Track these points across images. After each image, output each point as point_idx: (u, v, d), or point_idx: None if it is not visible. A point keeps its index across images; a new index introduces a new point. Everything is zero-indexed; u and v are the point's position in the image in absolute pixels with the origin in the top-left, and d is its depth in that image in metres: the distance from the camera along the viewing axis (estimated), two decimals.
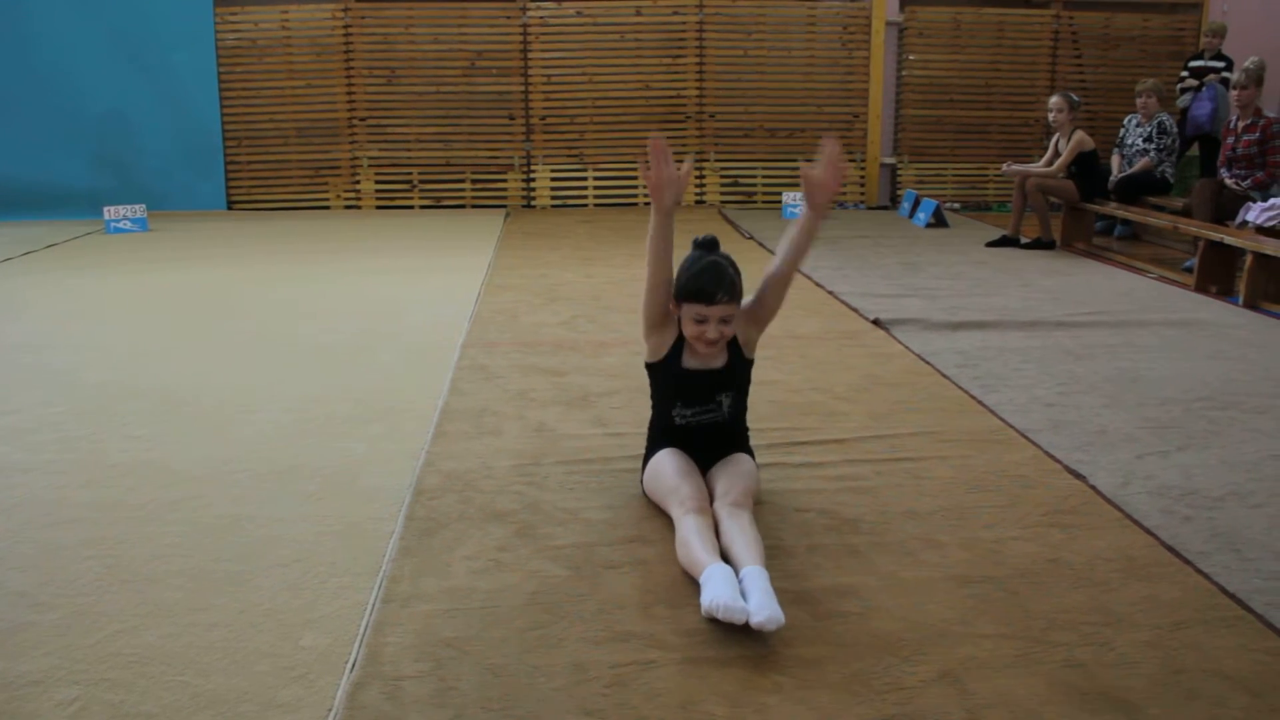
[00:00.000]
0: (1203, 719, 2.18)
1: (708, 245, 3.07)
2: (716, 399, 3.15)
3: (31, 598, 2.68)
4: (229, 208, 10.88)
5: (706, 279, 2.99)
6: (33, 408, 4.26)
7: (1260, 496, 3.36)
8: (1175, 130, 8.88)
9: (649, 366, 3.25)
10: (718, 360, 3.13)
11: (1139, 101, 8.83)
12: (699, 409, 3.15)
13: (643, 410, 3.94)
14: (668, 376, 3.17)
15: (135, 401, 4.33)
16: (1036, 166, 8.68)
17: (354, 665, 2.37)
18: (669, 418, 3.19)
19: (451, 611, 2.60)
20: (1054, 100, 8.50)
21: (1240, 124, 7.67)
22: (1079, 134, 8.40)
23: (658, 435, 3.25)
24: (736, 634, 2.48)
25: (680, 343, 3.13)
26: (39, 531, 3.08)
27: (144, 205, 9.53)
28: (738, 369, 3.17)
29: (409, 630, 2.51)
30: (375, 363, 4.90)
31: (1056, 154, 8.52)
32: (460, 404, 4.27)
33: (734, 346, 3.15)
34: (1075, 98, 8.53)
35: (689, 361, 3.12)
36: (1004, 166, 8.93)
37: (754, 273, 3.18)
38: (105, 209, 9.37)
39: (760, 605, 2.47)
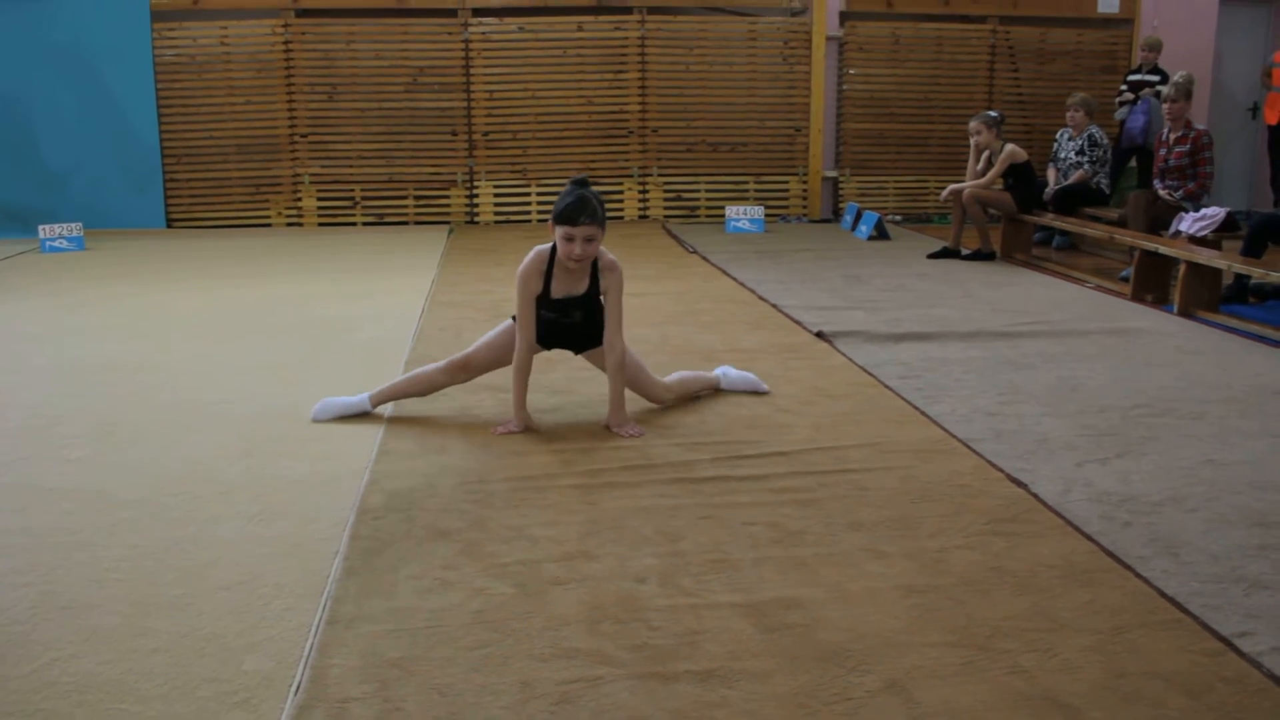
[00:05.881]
0: None
1: (580, 183, 3.95)
2: (571, 314, 4.08)
3: None
4: (168, 226, 10.71)
5: (573, 208, 3.84)
6: None
7: (1196, 501, 3.42)
8: (1106, 142, 9.06)
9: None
10: (579, 288, 4.05)
11: (1068, 115, 9.01)
12: (559, 314, 4.08)
13: (588, 427, 3.94)
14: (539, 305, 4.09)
15: (72, 424, 4.25)
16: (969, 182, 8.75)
17: (298, 688, 2.34)
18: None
19: (397, 632, 2.58)
20: (972, 125, 8.58)
21: (1172, 136, 7.84)
22: (1009, 147, 8.50)
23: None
24: (684, 648, 2.48)
25: (548, 283, 4.02)
26: None
27: (80, 224, 9.36)
28: (592, 295, 4.08)
29: (354, 651, 2.49)
30: (318, 380, 4.85)
31: (989, 165, 8.61)
32: (404, 421, 4.24)
33: (594, 282, 4.05)
34: (993, 114, 8.62)
35: (557, 292, 4.04)
36: (942, 195, 9.02)
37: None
38: (40, 228, 9.19)
39: None
